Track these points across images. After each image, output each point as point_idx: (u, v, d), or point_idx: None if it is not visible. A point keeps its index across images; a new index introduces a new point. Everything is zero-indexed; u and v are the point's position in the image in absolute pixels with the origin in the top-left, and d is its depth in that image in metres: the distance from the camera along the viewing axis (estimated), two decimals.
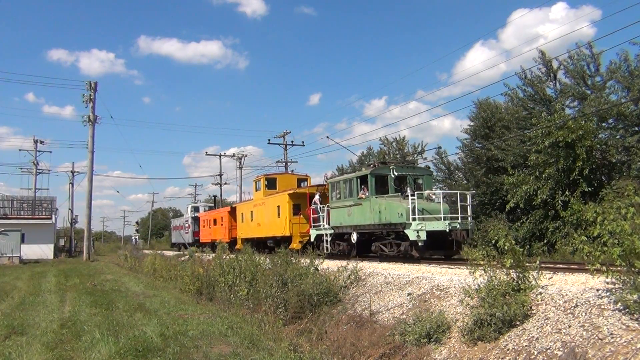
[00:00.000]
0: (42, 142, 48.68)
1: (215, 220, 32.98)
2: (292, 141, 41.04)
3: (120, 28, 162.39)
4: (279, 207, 22.01)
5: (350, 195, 16.62)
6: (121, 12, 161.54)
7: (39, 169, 48.92)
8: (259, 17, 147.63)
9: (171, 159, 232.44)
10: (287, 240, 21.01)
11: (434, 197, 15.00)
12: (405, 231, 13.79)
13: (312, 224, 19.30)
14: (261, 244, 23.61)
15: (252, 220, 25.49)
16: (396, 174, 15.45)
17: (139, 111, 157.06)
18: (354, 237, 16.40)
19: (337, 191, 17.60)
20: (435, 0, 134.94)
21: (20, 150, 51.07)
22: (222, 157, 50.81)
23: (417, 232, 13.42)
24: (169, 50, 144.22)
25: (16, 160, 69.59)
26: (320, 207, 18.79)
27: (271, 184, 24.63)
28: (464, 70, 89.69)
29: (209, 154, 51.46)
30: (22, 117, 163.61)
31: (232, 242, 27.93)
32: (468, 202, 14.67)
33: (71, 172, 50.16)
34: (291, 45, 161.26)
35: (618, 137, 20.57)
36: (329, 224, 17.90)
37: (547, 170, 19.24)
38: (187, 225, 41.28)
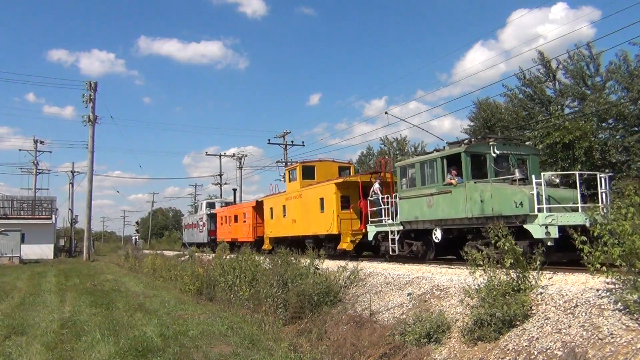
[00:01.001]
0: (42, 142, 48.77)
1: (236, 217, 28.80)
2: (292, 141, 41.20)
3: (121, 28, 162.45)
4: (322, 199, 18.39)
5: (431, 180, 13.02)
6: (121, 12, 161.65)
7: (39, 169, 48.98)
8: (259, 17, 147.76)
9: (171, 159, 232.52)
10: (333, 239, 18.01)
11: (557, 180, 11.60)
12: (526, 226, 10.36)
13: (369, 220, 15.78)
14: (296, 244, 19.55)
15: (284, 216, 21.76)
16: (497, 152, 12.11)
17: (139, 111, 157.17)
18: (438, 235, 13.00)
19: (410, 177, 14.01)
20: (434, 0, 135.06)
21: (20, 150, 51.43)
22: (222, 157, 50.98)
23: (546, 228, 9.85)
24: (169, 51, 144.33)
25: (16, 160, 69.75)
26: (380, 199, 15.32)
27: (308, 172, 20.58)
28: (463, 71, 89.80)
29: (209, 154, 51.66)
30: (22, 117, 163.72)
31: (258, 242, 24.96)
32: (604, 189, 11.19)
33: (71, 172, 50.23)
34: (291, 46, 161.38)
35: (618, 137, 20.60)
36: (394, 219, 14.39)
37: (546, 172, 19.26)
38: (201, 223, 36.74)
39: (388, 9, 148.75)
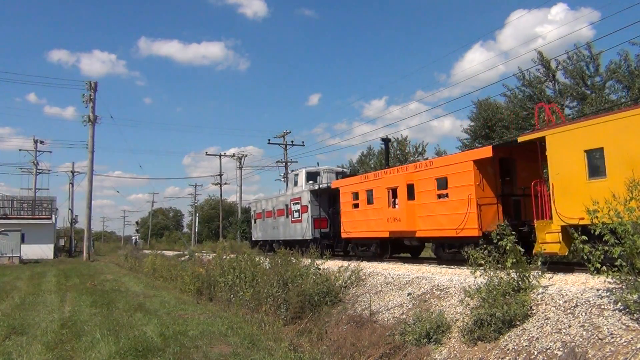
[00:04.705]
0: (42, 142, 48.77)
1: (409, 189, 13.98)
2: (292, 141, 41.16)
3: (122, 29, 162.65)
4: None
5: None
6: (122, 13, 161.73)
7: (39, 169, 48.99)
8: (259, 18, 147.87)
9: (171, 159, 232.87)
10: None
11: None
12: None
13: None
14: None
15: None
16: None
17: (140, 112, 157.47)
18: None
19: None
20: (433, 1, 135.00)
21: (20, 150, 51.25)
22: (222, 157, 50.88)
23: None
24: (170, 52, 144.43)
25: (16, 160, 69.74)
26: None
27: None
28: (462, 71, 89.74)
29: (209, 154, 51.59)
30: (23, 118, 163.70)
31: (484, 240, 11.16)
32: None
33: (71, 172, 50.21)
34: (291, 46, 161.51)
35: None
36: None
37: None
38: (296, 207, 21.07)
39: (388, 10, 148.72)
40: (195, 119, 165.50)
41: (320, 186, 19.95)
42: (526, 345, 6.69)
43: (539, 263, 7.72)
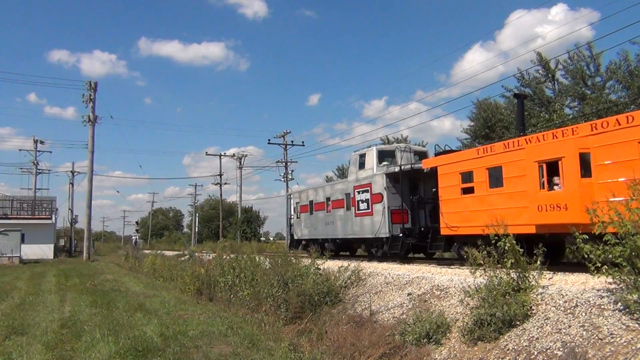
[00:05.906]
0: (42, 142, 48.78)
1: (583, 160, 9.46)
2: (292, 141, 41.13)
3: (122, 30, 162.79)
4: None
5: None
6: (122, 13, 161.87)
7: (39, 169, 49.00)
8: (259, 19, 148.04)
9: (171, 159, 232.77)
10: None
11: None
12: None
13: None
14: None
15: None
16: None
17: (141, 112, 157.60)
18: None
19: None
20: (433, 1, 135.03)
21: (20, 150, 51.23)
22: (222, 157, 50.89)
23: None
24: (171, 52, 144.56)
25: (16, 160, 69.78)
26: None
27: None
28: (462, 71, 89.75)
29: (209, 154, 51.62)
30: (23, 118, 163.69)
31: None
32: None
33: (71, 172, 50.25)
34: (291, 46, 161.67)
35: None
36: None
37: None
38: (364, 197, 16.69)
39: (388, 10, 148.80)
40: (195, 119, 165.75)
41: (403, 167, 15.10)
42: (526, 345, 6.69)
43: (538, 262, 7.72)
